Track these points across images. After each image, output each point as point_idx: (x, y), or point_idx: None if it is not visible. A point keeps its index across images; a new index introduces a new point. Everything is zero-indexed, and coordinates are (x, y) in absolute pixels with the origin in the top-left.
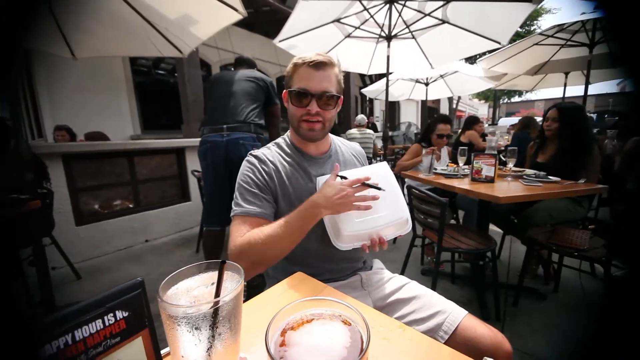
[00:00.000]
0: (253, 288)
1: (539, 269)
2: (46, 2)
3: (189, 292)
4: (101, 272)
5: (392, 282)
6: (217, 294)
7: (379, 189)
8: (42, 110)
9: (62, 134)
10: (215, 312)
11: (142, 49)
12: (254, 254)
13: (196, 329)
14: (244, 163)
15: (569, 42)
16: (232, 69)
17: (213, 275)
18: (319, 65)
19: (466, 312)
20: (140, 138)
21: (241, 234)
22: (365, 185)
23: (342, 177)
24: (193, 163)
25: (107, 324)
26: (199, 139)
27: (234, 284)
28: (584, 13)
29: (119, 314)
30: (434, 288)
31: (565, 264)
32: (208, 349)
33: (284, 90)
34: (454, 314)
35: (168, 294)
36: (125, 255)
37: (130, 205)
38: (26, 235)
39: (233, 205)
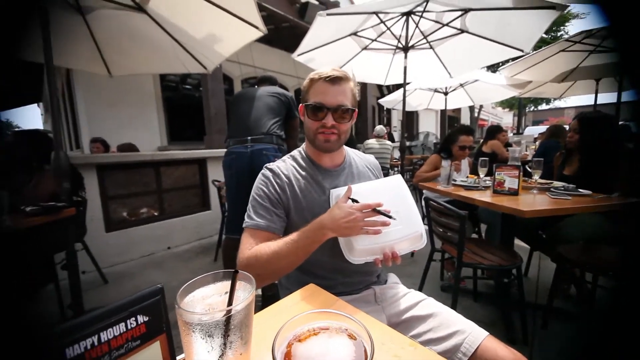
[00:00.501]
0: (268, 298)
1: (571, 288)
2: (86, 25)
3: (204, 300)
4: (126, 277)
5: (408, 297)
6: (230, 303)
7: (390, 217)
8: (80, 124)
9: (97, 145)
10: (227, 320)
11: (171, 66)
12: (260, 268)
13: (209, 336)
14: (259, 176)
15: (598, 48)
16: (256, 86)
17: (227, 284)
18: (335, 80)
19: (487, 333)
20: (166, 149)
21: (249, 246)
22: (375, 211)
23: (354, 200)
24: (214, 173)
25: (129, 327)
26: (223, 150)
27: (245, 293)
28: None
29: (140, 319)
30: (454, 306)
31: (600, 284)
32: (220, 356)
33: (300, 104)
34: (473, 335)
35: (185, 301)
36: (149, 261)
37: (155, 214)
38: (60, 241)
39: (245, 217)
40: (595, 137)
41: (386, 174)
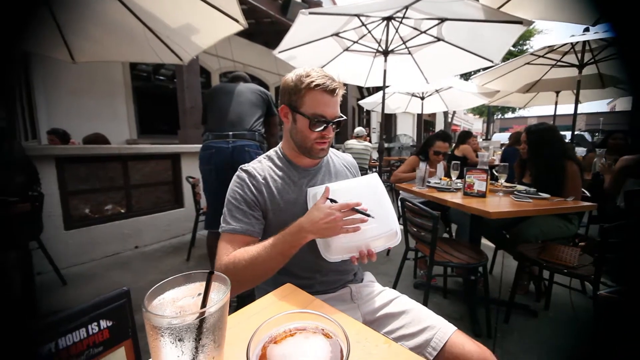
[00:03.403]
0: (243, 299)
1: (530, 285)
2: (47, 6)
3: (175, 303)
4: (87, 279)
5: (382, 295)
6: (204, 305)
7: (369, 215)
8: (38, 112)
9: (51, 137)
10: (200, 323)
11: (142, 54)
12: (238, 274)
13: (180, 340)
14: (234, 178)
15: (559, 63)
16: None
17: (200, 286)
18: (334, 92)
19: (455, 328)
20: (136, 142)
21: (227, 252)
22: (354, 210)
23: (332, 201)
24: (188, 169)
25: (90, 333)
26: (199, 145)
27: (220, 294)
28: (573, 35)
29: (103, 324)
30: (425, 302)
31: (556, 281)
32: None
33: (283, 105)
34: (442, 330)
35: (153, 304)
36: (114, 261)
37: (122, 211)
38: (12, 239)
39: (221, 221)
40: (542, 146)
41: (364, 175)
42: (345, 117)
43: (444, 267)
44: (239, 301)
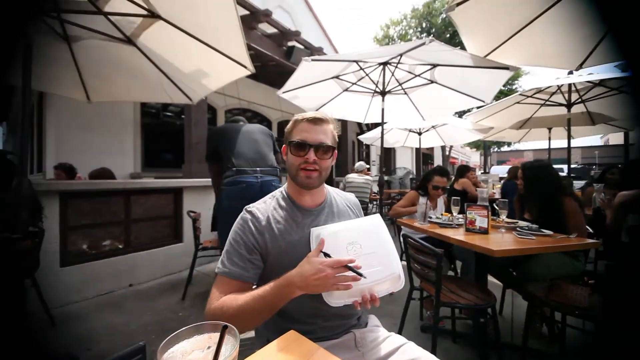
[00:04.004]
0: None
1: (542, 327)
2: (69, 50)
3: (184, 357)
4: (77, 320)
5: (388, 342)
6: (215, 358)
7: (361, 275)
8: (46, 146)
9: (57, 172)
10: None
11: (154, 95)
12: (226, 321)
13: None
14: (238, 219)
15: (547, 102)
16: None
17: (208, 337)
18: (316, 121)
19: None
20: (140, 176)
21: (218, 297)
22: (347, 267)
23: (326, 255)
24: (190, 203)
25: None
26: (202, 180)
27: (229, 347)
28: (558, 78)
29: None
30: (434, 347)
31: (569, 324)
32: None
33: (284, 145)
34: None
35: (164, 358)
36: (107, 300)
37: (120, 246)
38: (11, 276)
39: (219, 263)
40: (537, 183)
41: (365, 208)
42: (331, 145)
43: (451, 308)
44: None
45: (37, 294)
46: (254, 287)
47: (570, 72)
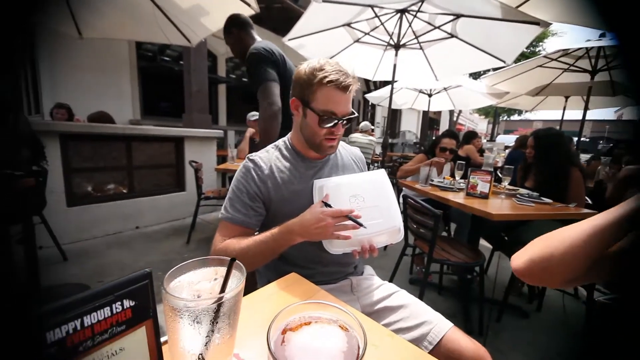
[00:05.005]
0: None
1: (524, 287)
2: None
3: (191, 286)
4: (88, 256)
5: (382, 289)
6: (223, 290)
7: (361, 224)
8: (42, 87)
9: (62, 112)
10: (218, 307)
11: (150, 34)
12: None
13: (197, 322)
14: (241, 167)
15: (571, 67)
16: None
17: (214, 270)
18: (347, 88)
19: (451, 324)
20: (139, 123)
21: (221, 239)
22: (347, 217)
23: (327, 205)
24: (191, 153)
25: (114, 312)
26: (203, 130)
27: (235, 281)
28: (589, 40)
29: (126, 303)
30: (421, 298)
31: None
32: (206, 342)
33: (293, 97)
34: (439, 326)
35: (171, 286)
36: (115, 240)
37: (124, 191)
38: (17, 213)
39: (222, 208)
40: (550, 151)
41: (368, 169)
42: (357, 114)
43: (441, 264)
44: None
45: (48, 231)
46: (256, 233)
47: (603, 35)
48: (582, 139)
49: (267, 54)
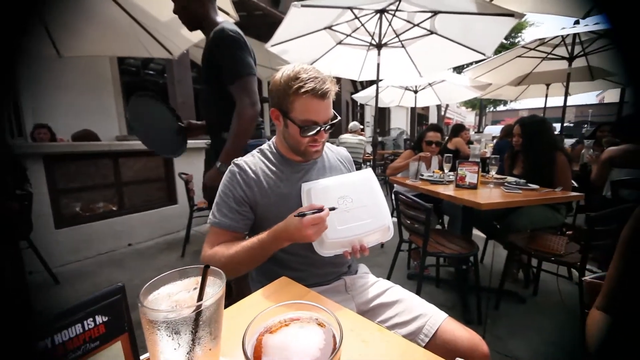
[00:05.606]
0: (242, 290)
1: (519, 273)
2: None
3: (170, 297)
4: (81, 277)
5: (376, 286)
6: (200, 298)
7: (334, 208)
8: (23, 109)
9: (43, 131)
10: (197, 316)
11: (131, 49)
12: (218, 268)
13: (176, 333)
14: (227, 172)
15: (549, 56)
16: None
17: (194, 281)
18: (325, 95)
19: (446, 315)
20: (126, 139)
21: (210, 246)
22: (331, 210)
23: (302, 215)
24: (180, 165)
25: (86, 328)
26: (190, 141)
27: (215, 288)
28: (564, 28)
29: (99, 319)
30: (418, 292)
31: (544, 268)
32: (188, 353)
33: (272, 108)
34: (434, 318)
35: (149, 299)
36: (107, 259)
37: (114, 208)
38: (1, 236)
39: (210, 214)
40: (535, 138)
41: (358, 169)
42: (339, 118)
43: (436, 257)
44: (237, 292)
45: (36, 255)
46: (246, 236)
47: (577, 22)
48: (566, 124)
49: (245, 40)
